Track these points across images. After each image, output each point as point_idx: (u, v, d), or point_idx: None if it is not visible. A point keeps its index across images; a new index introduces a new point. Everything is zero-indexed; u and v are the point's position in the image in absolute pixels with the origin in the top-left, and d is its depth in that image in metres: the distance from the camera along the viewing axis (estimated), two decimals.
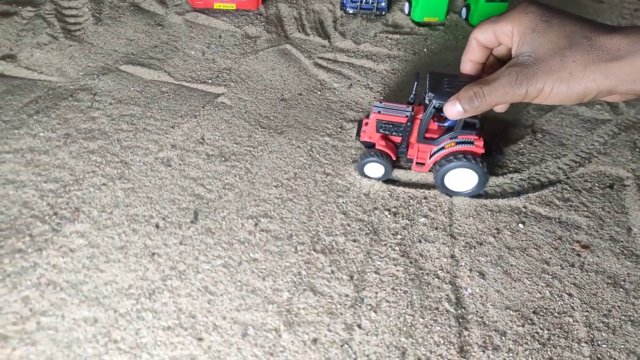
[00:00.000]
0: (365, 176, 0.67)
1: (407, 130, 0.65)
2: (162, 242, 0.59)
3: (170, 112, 0.76)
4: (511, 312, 0.54)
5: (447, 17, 1.02)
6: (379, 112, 0.66)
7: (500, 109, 0.56)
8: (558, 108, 0.82)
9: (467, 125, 0.63)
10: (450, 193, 0.66)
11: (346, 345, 0.51)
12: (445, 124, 0.65)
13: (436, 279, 0.57)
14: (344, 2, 1.00)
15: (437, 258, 0.59)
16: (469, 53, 0.57)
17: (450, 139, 0.64)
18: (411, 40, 0.96)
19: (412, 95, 0.67)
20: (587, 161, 0.73)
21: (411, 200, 0.66)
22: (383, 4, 1.00)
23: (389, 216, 0.64)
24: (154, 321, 0.52)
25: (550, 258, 0.60)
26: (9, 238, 0.57)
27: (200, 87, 0.82)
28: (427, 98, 0.61)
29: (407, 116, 0.65)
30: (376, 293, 0.55)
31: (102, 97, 0.78)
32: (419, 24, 1.01)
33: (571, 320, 0.54)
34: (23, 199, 0.62)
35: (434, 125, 0.66)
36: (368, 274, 0.57)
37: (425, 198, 0.66)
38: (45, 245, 0.57)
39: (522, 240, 0.62)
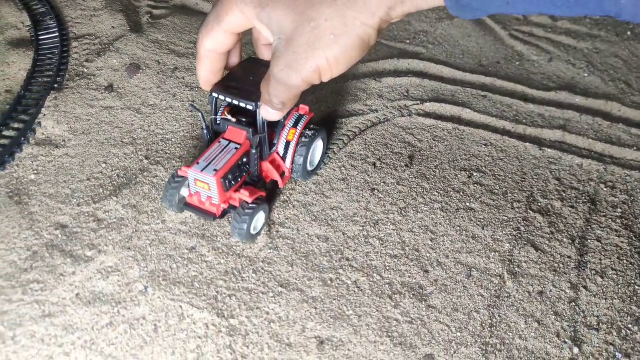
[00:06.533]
0: (254, 237, 0.54)
1: (255, 158, 0.54)
2: (380, 180, 0.61)
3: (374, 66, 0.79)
4: None
5: None
6: (215, 170, 0.51)
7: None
8: None
9: None
10: (313, 171, 0.60)
11: (574, 303, 0.50)
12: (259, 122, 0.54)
13: None
14: None
15: None
16: (205, 66, 0.47)
17: (284, 129, 0.56)
18: (612, 22, 0.91)
19: (205, 131, 0.55)
20: None
21: (628, 178, 0.63)
22: None
23: (605, 189, 0.62)
24: (381, 248, 0.54)
25: None
26: None
27: (399, 45, 0.83)
28: (243, 107, 0.51)
29: (237, 148, 0.53)
30: (600, 260, 0.54)
31: None
32: None
33: None
34: None
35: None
36: (589, 240, 0.56)
37: None
38: None
39: None
